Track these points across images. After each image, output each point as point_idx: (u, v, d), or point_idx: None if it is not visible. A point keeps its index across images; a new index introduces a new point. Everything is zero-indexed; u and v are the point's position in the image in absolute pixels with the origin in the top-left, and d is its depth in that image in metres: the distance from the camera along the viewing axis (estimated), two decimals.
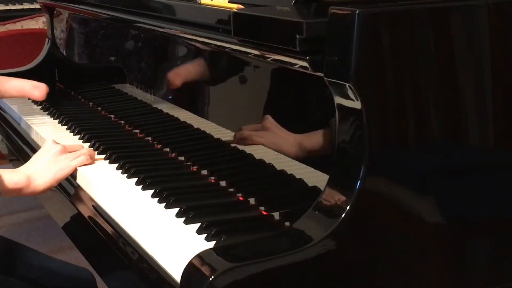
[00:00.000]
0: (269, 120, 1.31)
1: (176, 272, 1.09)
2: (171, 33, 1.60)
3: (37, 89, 1.79)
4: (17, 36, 3.37)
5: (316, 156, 1.21)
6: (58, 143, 1.54)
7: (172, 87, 1.68)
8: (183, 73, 1.63)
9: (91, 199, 1.44)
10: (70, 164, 1.51)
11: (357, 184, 1.03)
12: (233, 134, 1.43)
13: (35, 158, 1.51)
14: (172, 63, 1.70)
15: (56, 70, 2.37)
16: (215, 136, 1.49)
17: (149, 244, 1.20)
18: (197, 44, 1.52)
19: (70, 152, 1.54)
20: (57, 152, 1.51)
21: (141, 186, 1.41)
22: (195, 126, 1.58)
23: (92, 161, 1.55)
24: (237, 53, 1.35)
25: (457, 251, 1.14)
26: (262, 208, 1.26)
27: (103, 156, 1.59)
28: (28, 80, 1.82)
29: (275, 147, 1.30)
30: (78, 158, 1.53)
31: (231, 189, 1.36)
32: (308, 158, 1.23)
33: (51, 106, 2.03)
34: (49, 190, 1.50)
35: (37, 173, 1.46)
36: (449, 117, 1.11)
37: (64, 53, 2.35)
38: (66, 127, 1.86)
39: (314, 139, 1.21)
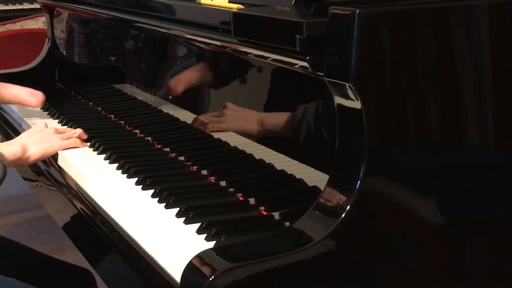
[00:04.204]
0: (230, 107, 1.41)
1: (176, 272, 1.09)
2: (171, 33, 1.60)
3: (34, 97, 1.83)
4: (17, 36, 3.38)
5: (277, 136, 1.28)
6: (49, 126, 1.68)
7: (172, 87, 1.68)
8: (183, 73, 1.63)
9: (91, 199, 1.44)
10: (60, 143, 1.64)
11: (357, 184, 1.03)
12: (233, 134, 1.43)
13: (27, 132, 1.66)
14: (172, 63, 1.70)
15: (56, 70, 2.37)
16: (215, 136, 1.49)
17: (149, 244, 1.20)
18: (197, 44, 1.52)
19: (60, 133, 1.67)
20: (49, 131, 1.65)
21: (141, 186, 1.41)
22: (195, 126, 1.58)
23: (81, 145, 1.67)
24: (237, 53, 1.35)
25: (457, 251, 1.14)
26: (262, 208, 1.26)
27: (103, 156, 1.59)
28: (25, 88, 1.84)
29: (238, 129, 1.39)
30: (68, 140, 1.66)
31: (231, 189, 1.36)
32: (307, 156, 1.23)
33: (51, 106, 2.03)
34: (39, 161, 1.65)
35: (30, 144, 1.58)
36: (449, 117, 1.11)
37: (64, 53, 2.35)
38: (66, 127, 1.85)
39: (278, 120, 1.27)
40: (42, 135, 1.62)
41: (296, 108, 1.25)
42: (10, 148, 1.53)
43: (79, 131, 1.71)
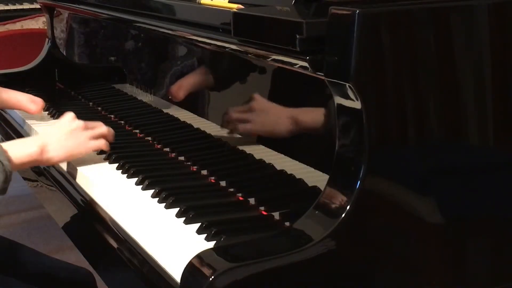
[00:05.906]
0: (258, 100, 1.32)
1: (176, 272, 1.09)
2: (171, 33, 1.60)
3: (34, 103, 1.85)
4: (17, 36, 3.38)
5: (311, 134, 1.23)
6: (79, 120, 1.50)
7: (172, 90, 1.68)
8: (183, 73, 1.63)
9: (91, 199, 1.44)
10: (88, 145, 1.49)
11: (357, 184, 1.03)
12: (232, 134, 1.43)
13: (53, 128, 1.49)
14: (172, 63, 1.70)
15: (56, 70, 2.37)
16: (215, 136, 1.49)
17: (149, 244, 1.20)
18: (197, 44, 1.52)
19: (90, 129, 1.51)
20: (77, 128, 1.48)
21: (141, 186, 1.41)
22: (195, 126, 1.58)
23: (107, 148, 1.54)
24: (237, 53, 1.35)
25: (457, 251, 1.14)
26: (262, 208, 1.26)
27: (103, 156, 1.59)
28: (26, 94, 1.86)
29: (267, 128, 1.32)
30: (97, 141, 1.51)
31: (231, 189, 1.36)
32: (307, 156, 1.23)
33: (51, 106, 2.03)
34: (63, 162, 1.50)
35: (52, 145, 1.43)
36: (449, 117, 1.11)
37: (64, 53, 2.35)
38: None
39: (309, 115, 1.22)
40: (68, 133, 1.46)
41: (296, 108, 1.25)
42: (24, 148, 1.39)
43: (106, 129, 1.54)
